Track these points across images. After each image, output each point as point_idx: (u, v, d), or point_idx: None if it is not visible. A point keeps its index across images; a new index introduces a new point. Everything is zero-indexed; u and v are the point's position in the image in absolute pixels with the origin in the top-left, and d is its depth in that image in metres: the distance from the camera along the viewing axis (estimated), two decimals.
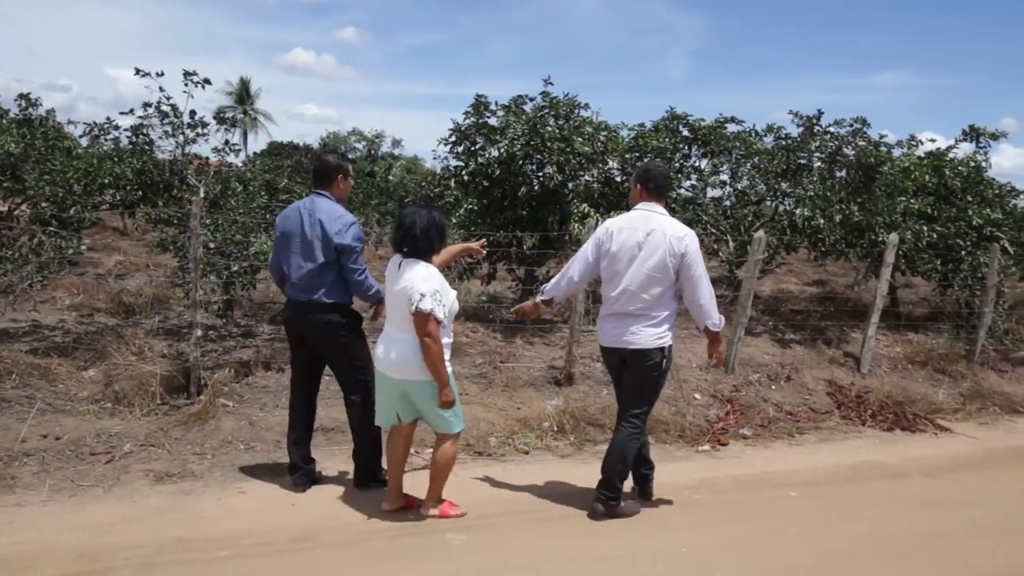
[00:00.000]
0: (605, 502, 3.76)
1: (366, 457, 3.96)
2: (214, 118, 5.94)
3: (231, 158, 6.58)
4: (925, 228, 7.97)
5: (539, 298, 3.93)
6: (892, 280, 9.09)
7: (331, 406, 5.26)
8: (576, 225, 6.27)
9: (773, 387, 6.49)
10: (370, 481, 3.96)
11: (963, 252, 8.20)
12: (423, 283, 3.24)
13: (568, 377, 5.90)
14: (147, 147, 6.08)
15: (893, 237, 7.00)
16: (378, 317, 4.01)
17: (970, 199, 8.69)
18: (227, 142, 6.10)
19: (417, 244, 3.34)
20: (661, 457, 4.89)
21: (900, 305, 9.96)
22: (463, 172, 7.06)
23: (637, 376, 3.70)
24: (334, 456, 4.51)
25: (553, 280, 3.92)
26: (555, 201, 6.81)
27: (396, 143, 54.94)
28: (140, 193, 5.88)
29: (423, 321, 3.21)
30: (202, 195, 6.14)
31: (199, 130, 5.97)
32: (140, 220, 8.07)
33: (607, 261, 3.68)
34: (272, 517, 3.58)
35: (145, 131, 5.99)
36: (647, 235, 3.59)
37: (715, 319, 3.67)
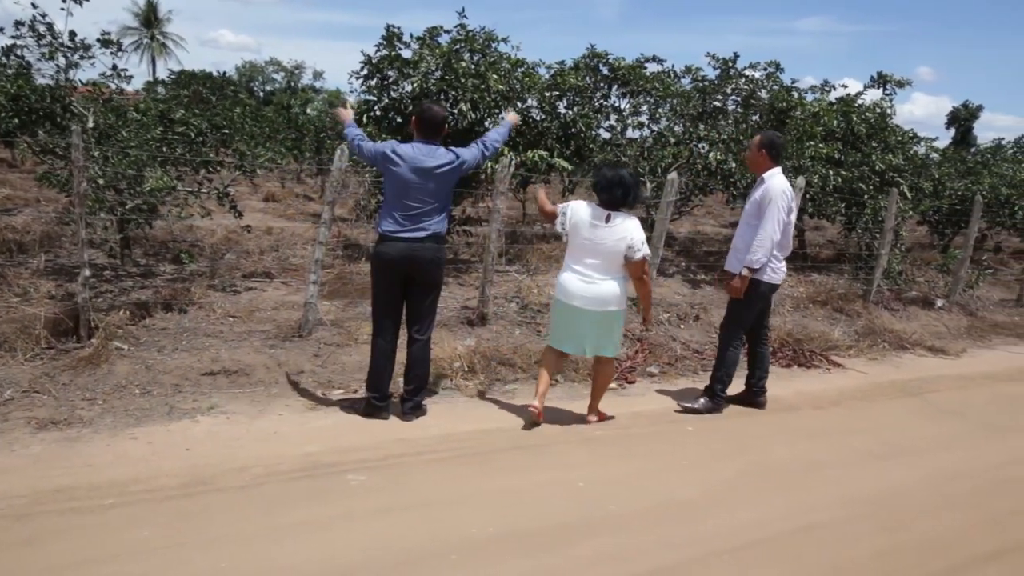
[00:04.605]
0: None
1: (422, 391, 4.33)
2: (97, 40, 5.43)
3: (124, 85, 6.11)
4: (831, 172, 8.24)
5: (746, 271, 4.47)
6: (800, 223, 9.43)
7: (235, 348, 5.10)
8: (491, 165, 6.15)
9: (682, 326, 6.68)
10: (419, 413, 4.30)
11: (866, 196, 8.55)
12: (639, 233, 3.90)
13: (481, 317, 5.90)
14: (24, 71, 5.55)
15: (800, 181, 7.20)
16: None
17: (875, 145, 9.03)
18: (115, 67, 5.62)
19: (637, 199, 4.00)
20: (568, 395, 4.99)
21: (807, 247, 10.38)
22: (376, 107, 6.78)
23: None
24: (237, 399, 4.39)
25: (758, 251, 4.43)
26: (471, 140, 6.62)
27: (317, 75, 52.91)
28: (16, 121, 5.38)
29: (643, 265, 3.96)
30: (90, 125, 5.71)
31: (82, 53, 5.47)
32: (24, 151, 7.44)
33: (789, 217, 4.57)
34: (165, 463, 3.48)
35: (19, 53, 5.46)
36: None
37: None
